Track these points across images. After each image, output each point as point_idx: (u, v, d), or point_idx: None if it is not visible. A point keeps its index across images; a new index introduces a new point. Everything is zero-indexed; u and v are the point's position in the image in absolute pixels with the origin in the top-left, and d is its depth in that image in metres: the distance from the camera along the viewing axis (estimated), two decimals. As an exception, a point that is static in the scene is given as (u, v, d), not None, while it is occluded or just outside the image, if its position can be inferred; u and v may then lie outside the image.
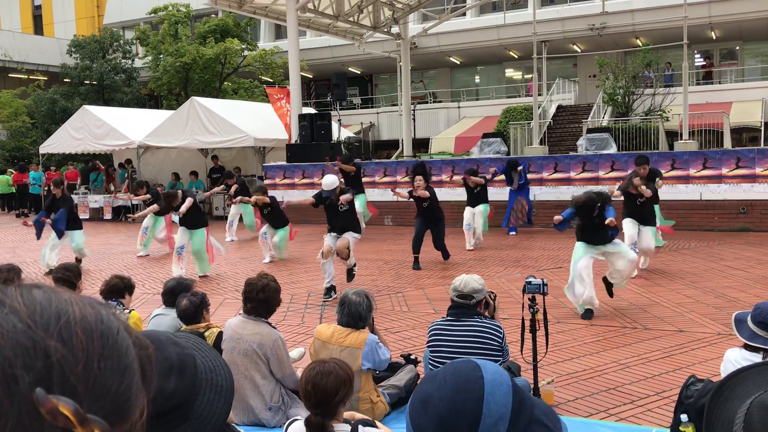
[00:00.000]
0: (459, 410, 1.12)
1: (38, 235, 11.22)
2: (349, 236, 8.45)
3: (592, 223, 7.03)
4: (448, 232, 10.58)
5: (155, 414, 0.73)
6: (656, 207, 9.67)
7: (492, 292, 4.52)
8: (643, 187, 8.73)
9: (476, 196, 12.00)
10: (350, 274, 8.68)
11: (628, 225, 9.03)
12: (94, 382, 0.63)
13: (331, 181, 8.47)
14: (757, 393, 0.99)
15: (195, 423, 1.25)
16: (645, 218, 9.03)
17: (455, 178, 13.12)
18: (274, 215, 11.04)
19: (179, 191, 10.25)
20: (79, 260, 11.15)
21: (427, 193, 10.02)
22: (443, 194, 12.56)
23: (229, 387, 1.31)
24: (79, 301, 0.67)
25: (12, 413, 0.58)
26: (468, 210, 11.98)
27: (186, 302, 4.43)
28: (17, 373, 0.59)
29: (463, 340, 4.07)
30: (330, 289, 8.23)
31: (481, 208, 11.91)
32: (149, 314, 5.19)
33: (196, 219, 9.93)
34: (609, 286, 7.37)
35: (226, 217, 14.73)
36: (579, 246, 7.17)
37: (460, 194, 13.10)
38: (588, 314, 6.91)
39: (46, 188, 23.13)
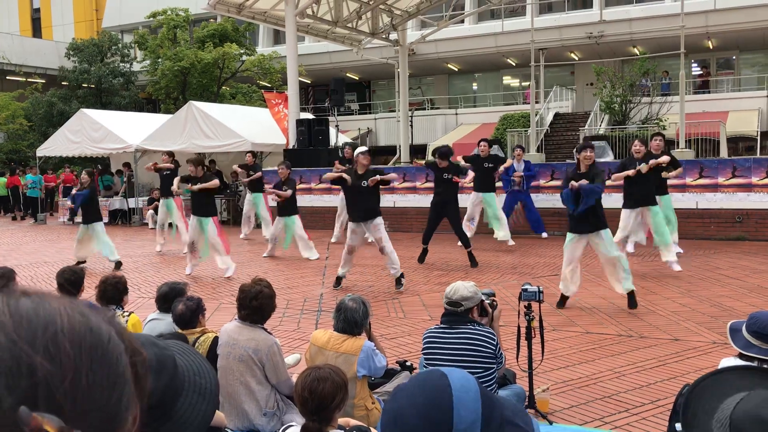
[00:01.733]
0: (430, 423, 1.12)
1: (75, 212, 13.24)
2: (379, 230, 8.73)
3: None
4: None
5: None
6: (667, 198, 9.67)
7: (495, 302, 4.49)
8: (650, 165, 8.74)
9: (486, 179, 11.75)
10: (399, 282, 8.92)
11: (624, 216, 9.10)
12: (82, 397, 0.60)
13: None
14: (732, 393, 1.00)
15: (176, 425, 1.25)
16: (646, 195, 8.92)
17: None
18: (287, 201, 11.62)
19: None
20: (81, 262, 11.26)
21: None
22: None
23: (213, 390, 1.30)
24: (68, 310, 0.64)
25: None
26: (474, 197, 11.96)
27: (182, 307, 4.43)
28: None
29: (456, 347, 4.07)
30: (340, 279, 8.89)
31: (491, 197, 11.91)
32: (144, 319, 5.18)
33: (207, 206, 10.03)
34: (631, 299, 7.43)
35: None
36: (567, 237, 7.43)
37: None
38: (560, 302, 7.51)
39: (44, 191, 23.14)
